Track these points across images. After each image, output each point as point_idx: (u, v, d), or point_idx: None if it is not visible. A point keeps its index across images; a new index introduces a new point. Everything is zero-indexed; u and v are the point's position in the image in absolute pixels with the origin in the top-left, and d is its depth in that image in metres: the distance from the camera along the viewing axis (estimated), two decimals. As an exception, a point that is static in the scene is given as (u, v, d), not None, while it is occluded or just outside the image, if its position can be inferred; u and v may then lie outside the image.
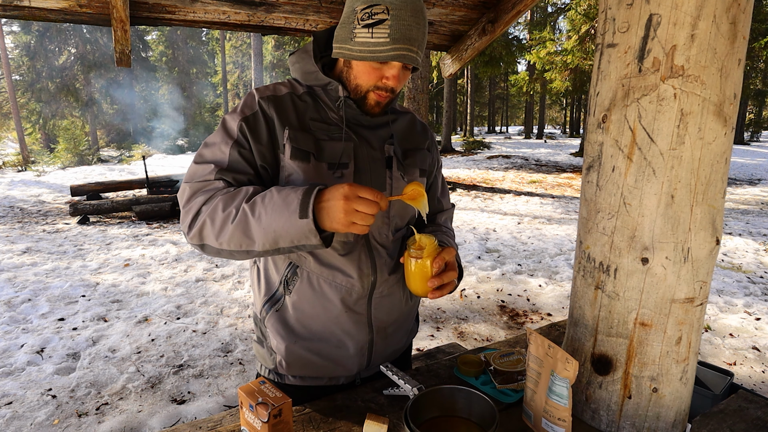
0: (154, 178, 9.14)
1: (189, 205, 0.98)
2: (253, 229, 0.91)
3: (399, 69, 1.00)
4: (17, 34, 20.13)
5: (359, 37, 0.98)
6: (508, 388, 1.13)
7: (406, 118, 1.23)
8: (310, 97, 1.09)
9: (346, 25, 1.01)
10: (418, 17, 0.97)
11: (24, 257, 5.53)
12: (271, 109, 1.04)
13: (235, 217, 0.91)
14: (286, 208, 0.88)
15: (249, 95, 1.07)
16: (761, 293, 4.34)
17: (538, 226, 7.19)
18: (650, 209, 0.89)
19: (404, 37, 0.96)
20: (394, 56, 0.97)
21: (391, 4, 0.95)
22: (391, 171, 1.12)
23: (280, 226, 0.88)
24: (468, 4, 2.43)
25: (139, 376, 2.97)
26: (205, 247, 0.97)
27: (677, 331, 0.93)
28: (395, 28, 0.95)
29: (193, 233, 0.96)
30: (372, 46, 0.97)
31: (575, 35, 13.58)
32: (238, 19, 2.33)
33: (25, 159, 17.06)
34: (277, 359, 1.15)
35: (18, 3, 1.94)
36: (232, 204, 0.92)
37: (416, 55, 0.99)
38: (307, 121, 1.06)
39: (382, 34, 0.96)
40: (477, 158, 17.27)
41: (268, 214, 0.89)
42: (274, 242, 0.91)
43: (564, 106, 43.22)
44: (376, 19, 0.95)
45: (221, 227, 0.92)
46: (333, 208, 0.86)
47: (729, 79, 0.85)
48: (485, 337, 3.55)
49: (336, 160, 1.04)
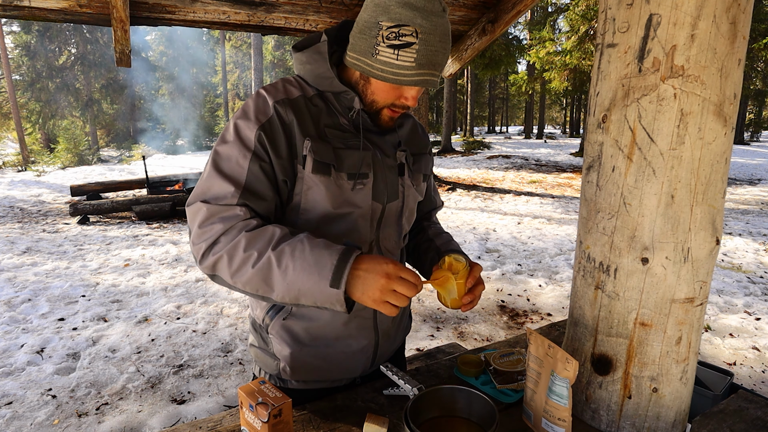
0: (155, 178, 9.14)
1: (205, 230, 0.91)
2: (275, 280, 0.86)
3: (417, 90, 0.98)
4: (17, 34, 20.12)
5: (383, 55, 0.92)
6: (508, 388, 1.13)
7: (410, 123, 1.22)
8: (322, 101, 1.03)
9: (367, 38, 0.94)
10: (445, 41, 0.93)
11: (24, 257, 5.53)
12: (289, 114, 0.97)
13: (257, 261, 0.86)
14: (317, 272, 0.83)
15: (260, 98, 0.99)
16: (761, 293, 4.34)
17: (538, 226, 7.19)
18: (650, 209, 0.89)
19: (430, 62, 0.92)
20: (417, 81, 0.93)
21: (421, 27, 0.89)
22: (403, 178, 1.11)
23: (307, 288, 0.84)
24: (468, 4, 2.43)
25: (139, 376, 2.97)
26: (215, 278, 0.92)
27: (677, 331, 0.93)
28: (423, 53, 0.91)
29: (206, 264, 0.90)
30: (396, 68, 0.92)
31: (575, 35, 13.59)
32: (238, 19, 2.33)
33: (25, 159, 17.06)
34: (281, 365, 1.13)
35: (18, 3, 1.94)
36: (255, 245, 0.87)
37: (438, 78, 0.97)
38: (322, 128, 1.00)
39: (408, 58, 0.91)
40: (477, 158, 17.27)
41: (296, 270, 0.84)
42: (295, 299, 0.87)
43: (564, 106, 43.22)
44: (403, 41, 0.90)
45: (239, 267, 0.87)
46: (370, 283, 0.83)
47: (729, 79, 0.85)
48: (485, 337, 3.55)
49: (356, 170, 1.01)
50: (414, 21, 0.89)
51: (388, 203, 1.09)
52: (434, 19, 0.91)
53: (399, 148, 1.12)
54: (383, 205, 1.08)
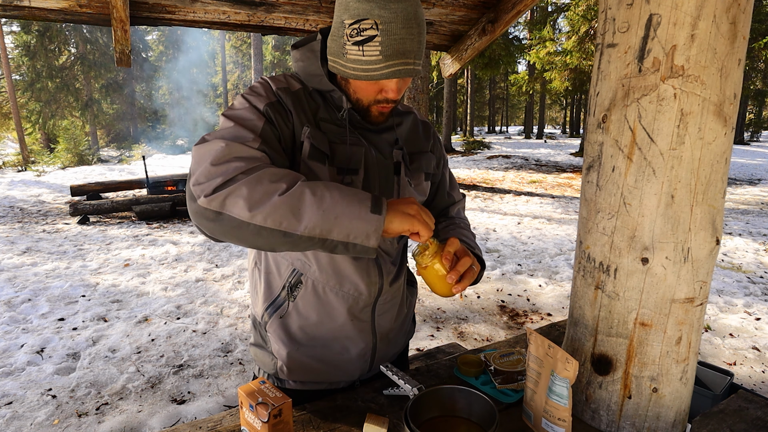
0: (155, 178, 9.13)
1: (221, 166, 0.81)
2: (306, 208, 0.79)
3: (397, 82, 0.95)
4: (17, 34, 20.11)
5: (351, 54, 0.91)
6: (508, 388, 1.13)
7: (409, 120, 1.19)
8: (320, 96, 1.04)
9: (336, 39, 0.93)
10: (410, 27, 0.88)
11: (24, 257, 5.53)
12: (289, 102, 0.97)
13: (286, 190, 0.79)
14: (358, 200, 0.81)
15: (263, 84, 0.99)
16: (761, 293, 4.34)
17: (538, 226, 7.19)
18: (650, 209, 0.89)
19: (397, 52, 0.88)
20: (388, 74, 0.90)
21: (380, 18, 0.86)
22: (399, 177, 1.10)
23: (345, 214, 0.80)
24: (468, 4, 2.43)
25: (139, 376, 2.97)
26: (219, 218, 0.80)
27: (677, 331, 0.93)
28: (387, 44, 0.87)
29: (214, 196, 0.79)
30: (364, 64, 0.90)
31: (575, 35, 13.59)
32: (238, 19, 2.33)
33: (25, 159, 17.05)
34: (278, 365, 1.13)
35: (18, 3, 1.94)
36: (284, 178, 0.81)
37: (413, 66, 0.92)
38: (319, 121, 1.01)
39: (373, 51, 0.88)
40: (477, 158, 17.27)
41: (333, 198, 0.80)
42: (327, 231, 0.80)
43: (564, 106, 43.23)
44: (365, 36, 0.88)
45: (263, 197, 0.78)
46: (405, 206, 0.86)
47: (729, 79, 0.85)
48: (485, 337, 3.55)
49: (346, 165, 1.00)
50: (372, 13, 0.87)
51: None
52: (393, 6, 0.87)
53: (395, 146, 1.10)
54: None
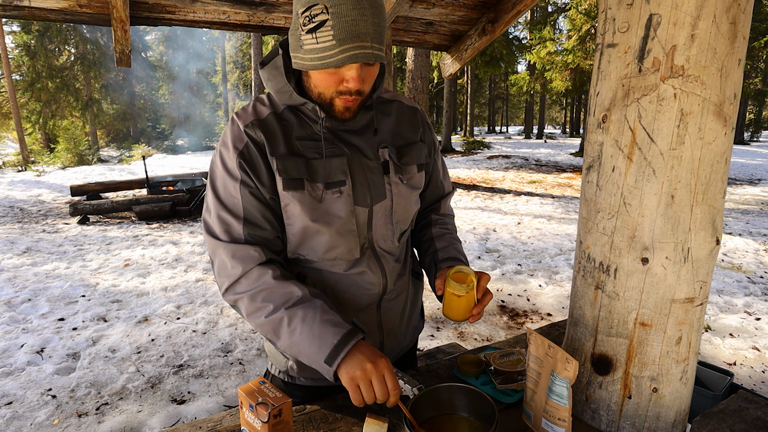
0: (155, 178, 9.14)
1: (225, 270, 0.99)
2: (282, 334, 0.95)
3: (357, 69, 0.90)
4: (17, 34, 20.11)
5: (306, 44, 0.89)
6: (508, 388, 1.13)
7: (392, 108, 1.13)
8: (292, 113, 1.02)
9: (293, 32, 0.92)
10: (362, 7, 0.85)
11: (24, 257, 5.53)
12: (259, 135, 0.98)
13: (271, 314, 0.95)
14: (318, 347, 0.92)
15: (234, 125, 1.01)
16: (761, 293, 4.34)
17: (538, 226, 7.19)
18: (650, 209, 0.89)
19: (351, 35, 0.85)
20: (344, 59, 0.87)
21: (329, 1, 0.84)
22: (389, 176, 1.07)
23: (306, 354, 0.94)
24: (468, 4, 2.43)
25: (139, 376, 2.97)
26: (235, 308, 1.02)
27: (677, 331, 0.93)
28: (339, 27, 0.84)
29: (229, 298, 1.00)
30: (319, 52, 0.87)
31: (576, 35, 13.59)
32: (238, 19, 2.33)
33: (25, 159, 17.05)
34: (289, 363, 1.15)
35: (18, 3, 1.94)
36: (273, 299, 0.96)
37: (372, 50, 0.87)
38: (294, 143, 1.00)
39: (326, 37, 0.85)
40: (477, 158, 17.27)
41: (301, 335, 0.93)
42: (295, 355, 0.97)
43: (564, 106, 43.22)
44: (316, 22, 0.85)
45: (256, 312, 0.97)
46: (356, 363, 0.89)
47: (729, 79, 0.85)
48: (485, 337, 3.55)
49: (331, 179, 1.00)
50: None
51: (374, 205, 1.06)
52: None
53: (380, 145, 1.07)
54: (369, 208, 1.05)
